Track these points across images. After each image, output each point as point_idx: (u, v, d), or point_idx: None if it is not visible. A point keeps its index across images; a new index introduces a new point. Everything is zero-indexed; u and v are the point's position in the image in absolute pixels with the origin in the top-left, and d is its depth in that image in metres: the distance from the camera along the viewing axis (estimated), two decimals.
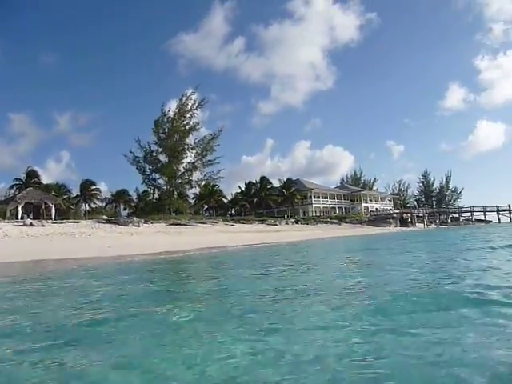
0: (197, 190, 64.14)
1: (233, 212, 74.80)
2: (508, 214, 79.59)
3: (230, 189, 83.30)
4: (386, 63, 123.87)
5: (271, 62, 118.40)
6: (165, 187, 55.11)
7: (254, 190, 73.76)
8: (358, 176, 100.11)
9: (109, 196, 66.28)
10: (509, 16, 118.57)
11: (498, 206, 79.51)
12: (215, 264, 12.89)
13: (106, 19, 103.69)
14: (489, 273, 6.45)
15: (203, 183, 58.59)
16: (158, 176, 54.68)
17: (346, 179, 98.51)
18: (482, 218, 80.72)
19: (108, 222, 33.92)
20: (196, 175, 55.21)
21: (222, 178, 57.10)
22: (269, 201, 70.91)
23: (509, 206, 79.33)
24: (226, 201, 75.91)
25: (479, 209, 79.65)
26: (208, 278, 8.32)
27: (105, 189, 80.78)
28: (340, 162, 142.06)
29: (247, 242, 24.21)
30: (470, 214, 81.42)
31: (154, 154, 53.86)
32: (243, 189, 75.12)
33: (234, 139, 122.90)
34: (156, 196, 58.11)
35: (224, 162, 57.38)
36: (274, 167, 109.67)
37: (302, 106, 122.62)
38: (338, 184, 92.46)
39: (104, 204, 64.92)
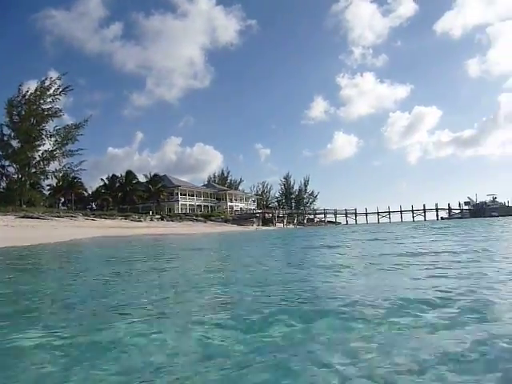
0: (53, 181, 59.10)
1: (94, 206, 70.65)
2: (354, 217, 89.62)
3: (93, 182, 78.71)
4: (261, 70, 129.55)
5: (149, 54, 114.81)
6: (15, 176, 49.77)
7: (118, 184, 70.65)
8: (225, 175, 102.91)
9: None
10: (366, 42, 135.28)
11: (346, 210, 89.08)
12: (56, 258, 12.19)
13: None
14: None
15: (61, 174, 54.32)
16: (7, 163, 49.17)
17: (213, 178, 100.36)
18: (333, 219, 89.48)
19: None
20: (54, 165, 50.99)
21: (84, 170, 53.87)
22: (134, 196, 68.65)
23: (355, 209, 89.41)
24: (86, 194, 71.42)
25: (331, 211, 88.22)
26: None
27: None
28: (210, 161, 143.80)
29: (106, 234, 23.27)
30: (323, 215, 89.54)
31: (6, 138, 48.29)
32: (107, 182, 71.46)
33: (101, 129, 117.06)
34: (3, 185, 52.15)
35: (88, 152, 54.50)
36: (143, 162, 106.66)
37: (177, 102, 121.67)
38: (206, 182, 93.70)
39: None
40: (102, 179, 72.24)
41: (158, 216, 57.57)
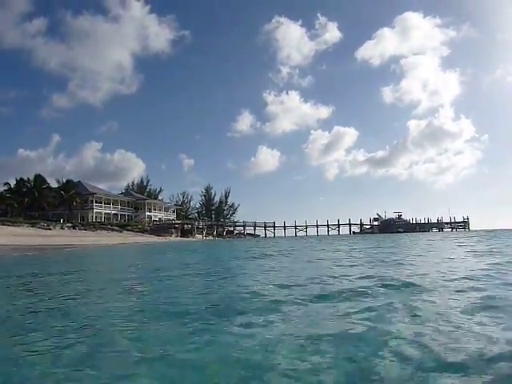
0: None
1: None
2: (272, 230, 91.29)
3: None
4: (190, 81, 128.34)
5: (74, 54, 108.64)
6: None
7: (26, 189, 65.52)
8: (145, 184, 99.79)
9: None
10: (293, 63, 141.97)
11: (265, 223, 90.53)
12: None
13: None
14: None
15: None
16: None
17: (131, 186, 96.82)
18: (253, 232, 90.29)
19: None
20: None
21: None
22: (43, 202, 64.05)
23: (274, 222, 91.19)
24: None
25: (251, 224, 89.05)
26: None
27: None
28: (131, 169, 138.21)
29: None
30: (242, 228, 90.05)
31: None
32: (13, 186, 65.96)
33: (13, 129, 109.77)
34: None
35: None
36: (57, 166, 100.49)
37: (101, 106, 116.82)
38: (123, 191, 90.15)
39: None
40: (7, 183, 66.61)
41: (70, 224, 54.23)
